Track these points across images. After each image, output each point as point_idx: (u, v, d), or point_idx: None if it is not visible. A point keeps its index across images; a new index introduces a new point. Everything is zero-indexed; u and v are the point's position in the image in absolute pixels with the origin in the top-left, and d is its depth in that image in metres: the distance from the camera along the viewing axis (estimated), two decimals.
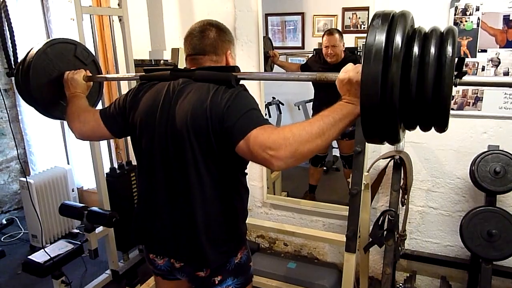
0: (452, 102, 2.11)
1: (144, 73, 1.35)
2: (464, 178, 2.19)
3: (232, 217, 1.28)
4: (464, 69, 0.90)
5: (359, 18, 4.44)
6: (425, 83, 0.85)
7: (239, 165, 1.27)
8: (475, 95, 2.06)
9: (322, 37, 2.78)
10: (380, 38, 0.84)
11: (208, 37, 1.26)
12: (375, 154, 2.31)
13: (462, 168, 2.17)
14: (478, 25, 1.99)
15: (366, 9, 4.28)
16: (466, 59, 0.90)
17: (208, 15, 2.63)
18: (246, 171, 1.33)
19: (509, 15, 1.93)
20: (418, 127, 0.97)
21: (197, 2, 2.67)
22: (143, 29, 2.74)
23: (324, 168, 3.01)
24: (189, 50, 1.29)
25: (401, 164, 2.13)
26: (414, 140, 2.24)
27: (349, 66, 1.01)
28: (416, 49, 0.86)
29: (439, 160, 2.24)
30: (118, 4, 2.53)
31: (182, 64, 2.11)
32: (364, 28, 4.45)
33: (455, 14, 2.01)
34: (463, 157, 2.16)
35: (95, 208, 2.41)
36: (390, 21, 0.86)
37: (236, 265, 1.31)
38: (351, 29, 4.47)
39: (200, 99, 1.16)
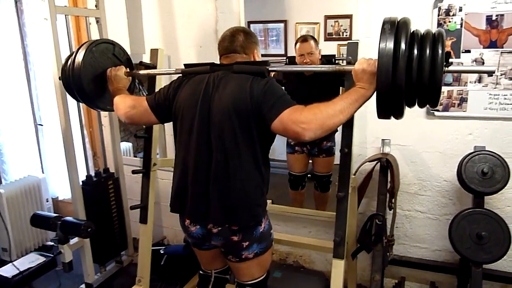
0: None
1: (185, 68, 1.60)
2: (451, 180, 2.16)
3: (261, 185, 1.48)
4: (450, 68, 1.23)
5: (341, 25, 4.45)
6: (423, 72, 1.18)
7: (268, 141, 1.49)
8: (460, 95, 2.04)
9: (295, 44, 2.55)
10: (390, 45, 1.17)
11: (238, 40, 1.53)
12: (361, 157, 2.26)
13: (449, 170, 2.14)
14: (461, 26, 1.97)
15: (349, 17, 4.30)
16: (450, 59, 1.22)
17: (189, 17, 2.58)
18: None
19: (491, 16, 1.92)
20: (416, 104, 1.29)
21: (177, 4, 2.60)
22: (122, 32, 2.64)
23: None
24: (223, 51, 1.56)
25: (387, 167, 2.08)
26: (400, 143, 2.21)
27: (362, 59, 1.30)
28: (416, 49, 1.19)
29: (425, 162, 2.20)
30: (96, 5, 2.45)
31: (161, 65, 2.03)
32: (346, 35, 4.46)
33: (438, 15, 2.00)
34: (449, 159, 2.13)
35: (69, 218, 2.28)
36: (396, 27, 1.19)
37: (261, 234, 1.52)
38: (334, 36, 4.49)
39: (241, 86, 1.39)
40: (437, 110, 2.09)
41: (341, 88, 2.62)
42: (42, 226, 2.36)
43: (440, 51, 1.16)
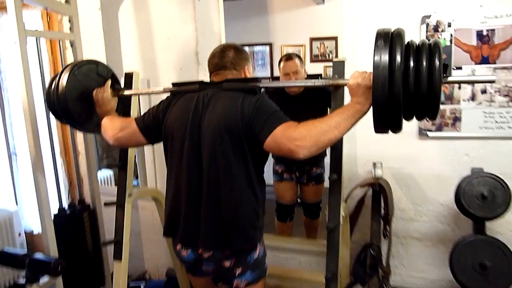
0: (430, 123, 1.98)
1: (173, 87, 1.54)
2: (448, 204, 2.03)
3: (256, 206, 1.40)
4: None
5: (327, 47, 4.44)
6: (420, 83, 1.12)
7: (262, 159, 1.42)
8: (454, 115, 1.94)
9: (279, 63, 2.39)
10: (384, 57, 1.11)
11: (228, 56, 1.48)
12: (352, 181, 2.13)
13: (445, 193, 2.02)
14: (451, 42, 1.89)
15: (334, 38, 4.27)
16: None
17: (169, 39, 2.48)
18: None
19: (482, 31, 1.85)
20: (414, 117, 1.23)
21: (156, 26, 2.50)
22: (99, 55, 2.53)
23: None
24: (212, 68, 1.52)
25: (380, 192, 1.95)
26: (392, 165, 2.09)
27: (356, 73, 1.24)
28: (412, 60, 1.13)
29: (420, 186, 2.08)
30: (70, 28, 2.34)
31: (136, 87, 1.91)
32: (332, 57, 4.42)
33: (426, 31, 1.92)
34: (445, 182, 2.02)
35: (38, 255, 2.09)
36: (390, 40, 1.14)
37: (255, 260, 1.43)
38: (320, 58, 4.45)
39: (232, 104, 1.34)
40: (430, 130, 1.99)
41: (328, 108, 2.54)
42: (9, 264, 2.17)
43: (437, 61, 1.12)
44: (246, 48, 4.59)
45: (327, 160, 1.72)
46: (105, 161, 3.26)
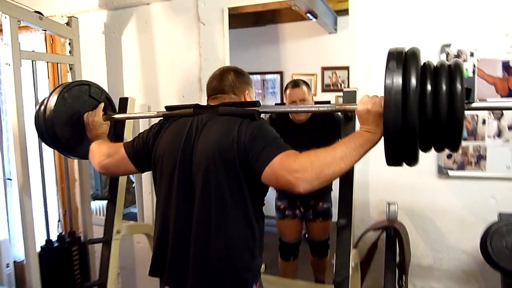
0: (451, 160, 1.79)
1: (166, 111, 1.42)
2: (472, 252, 1.81)
3: (252, 246, 1.26)
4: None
5: (339, 77, 4.31)
6: (440, 110, 0.98)
7: (260, 192, 1.29)
8: (478, 152, 1.75)
9: (285, 90, 2.24)
10: (397, 80, 0.97)
11: (227, 79, 1.38)
12: (363, 223, 1.93)
13: (469, 240, 1.80)
14: (474, 73, 1.73)
15: (346, 68, 4.16)
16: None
17: (172, 65, 2.38)
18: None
19: (508, 62, 1.68)
20: (432, 148, 1.10)
21: (160, 51, 2.40)
22: (100, 80, 2.43)
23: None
24: (210, 91, 1.41)
25: (395, 237, 1.74)
26: (409, 207, 1.88)
27: (365, 98, 1.13)
28: (429, 85, 0.99)
29: (440, 230, 1.87)
30: (70, 52, 2.26)
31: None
32: (344, 87, 4.29)
33: (446, 60, 1.76)
34: (468, 227, 1.80)
35: None
36: (404, 62, 1.00)
37: None
38: (331, 88, 4.33)
39: (227, 131, 1.21)
40: (451, 169, 1.79)
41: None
42: None
43: (459, 85, 0.99)
44: (257, 77, 4.51)
45: (335, 193, 1.54)
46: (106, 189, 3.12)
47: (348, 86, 3.05)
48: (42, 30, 2.11)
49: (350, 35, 1.96)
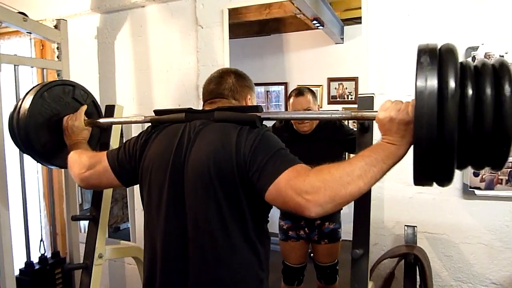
0: (478, 178, 1.59)
1: (155, 116, 1.26)
2: (502, 283, 1.60)
3: (258, 270, 1.10)
4: None
5: (346, 88, 4.15)
6: (484, 119, 0.82)
7: (264, 210, 1.12)
8: (509, 169, 1.55)
9: (289, 99, 2.02)
10: (432, 80, 0.82)
11: (226, 82, 1.23)
12: (378, 248, 1.72)
13: (498, 269, 1.60)
14: None
15: (354, 79, 4.00)
16: None
17: (168, 72, 2.21)
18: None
19: None
20: (469, 166, 0.92)
21: (155, 58, 2.24)
22: (91, 86, 2.27)
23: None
24: (207, 95, 1.25)
25: (415, 265, 1.53)
26: (429, 230, 1.68)
27: (388, 103, 0.95)
28: (470, 88, 0.83)
29: (464, 257, 1.66)
30: (57, 57, 2.10)
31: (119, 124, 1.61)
32: (351, 98, 4.11)
33: None
34: (498, 255, 1.60)
35: None
36: (439, 58, 0.84)
37: None
38: (338, 99, 4.16)
39: (224, 140, 1.05)
40: (478, 188, 1.59)
41: (347, 154, 2.18)
42: None
43: (508, 88, 0.81)
44: (261, 89, 4.33)
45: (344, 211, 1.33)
46: None
47: (356, 98, 2.83)
48: (27, 33, 1.94)
49: (358, 45, 1.82)
